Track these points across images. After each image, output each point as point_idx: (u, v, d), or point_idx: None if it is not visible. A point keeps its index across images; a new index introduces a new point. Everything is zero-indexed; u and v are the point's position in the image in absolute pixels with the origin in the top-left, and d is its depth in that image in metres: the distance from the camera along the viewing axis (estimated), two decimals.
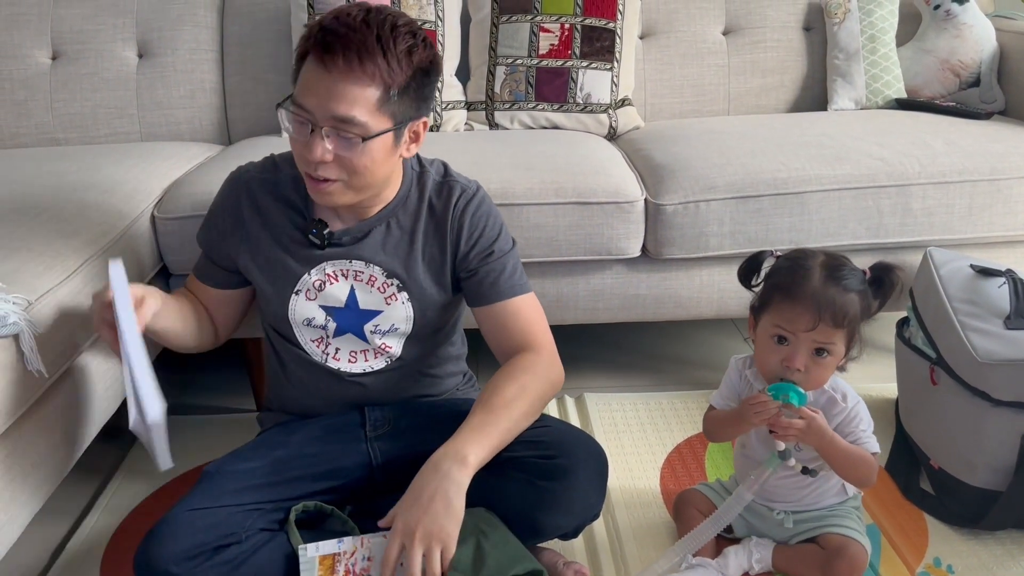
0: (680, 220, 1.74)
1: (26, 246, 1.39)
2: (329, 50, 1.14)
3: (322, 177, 1.20)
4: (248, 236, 1.34)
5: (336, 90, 1.14)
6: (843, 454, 1.24)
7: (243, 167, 1.39)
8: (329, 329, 1.35)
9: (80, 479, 1.59)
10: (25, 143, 2.19)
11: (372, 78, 1.15)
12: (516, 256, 1.37)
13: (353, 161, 1.19)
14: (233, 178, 1.38)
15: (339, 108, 1.15)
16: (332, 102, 1.15)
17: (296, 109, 1.18)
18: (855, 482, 1.30)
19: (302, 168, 1.23)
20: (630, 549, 1.41)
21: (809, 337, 1.22)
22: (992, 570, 1.35)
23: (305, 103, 1.16)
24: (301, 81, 1.18)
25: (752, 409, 1.23)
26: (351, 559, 1.19)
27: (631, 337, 2.20)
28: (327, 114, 1.15)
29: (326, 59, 1.14)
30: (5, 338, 1.19)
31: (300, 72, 1.19)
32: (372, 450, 1.36)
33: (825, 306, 1.20)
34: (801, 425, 1.21)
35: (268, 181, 1.35)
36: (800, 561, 1.32)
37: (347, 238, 1.32)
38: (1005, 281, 1.49)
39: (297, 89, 1.19)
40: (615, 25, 2.13)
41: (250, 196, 1.34)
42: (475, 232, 1.33)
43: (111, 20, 2.21)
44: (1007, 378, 1.37)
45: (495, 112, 2.15)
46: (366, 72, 1.14)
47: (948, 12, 2.20)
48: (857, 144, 1.83)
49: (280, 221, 1.33)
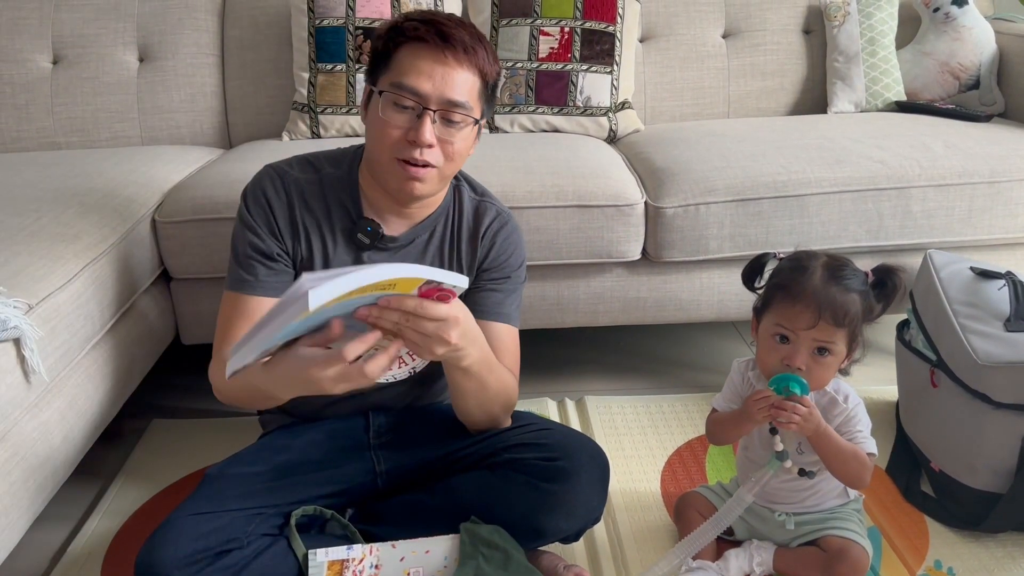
0: (680, 223, 1.74)
1: (27, 250, 1.39)
2: (447, 39, 1.18)
3: (423, 161, 1.21)
4: (298, 237, 1.31)
5: (452, 75, 1.19)
6: (837, 449, 1.25)
7: (276, 167, 1.33)
8: None
9: (81, 483, 1.59)
10: (26, 147, 2.20)
11: (478, 69, 1.22)
12: (522, 290, 1.40)
13: (454, 146, 1.22)
14: (273, 177, 1.31)
15: (454, 92, 1.19)
16: (447, 87, 1.19)
17: (405, 94, 1.19)
18: (848, 480, 1.29)
19: (399, 154, 1.21)
20: (631, 552, 1.41)
21: (810, 336, 1.22)
22: (993, 572, 1.35)
23: (419, 87, 1.18)
24: (406, 67, 1.19)
25: (756, 406, 1.24)
26: (359, 565, 1.19)
27: (631, 340, 2.20)
28: (442, 97, 1.19)
29: (444, 47, 1.18)
30: (5, 342, 1.19)
31: (392, 61, 1.21)
32: (376, 457, 1.35)
33: (826, 305, 1.21)
34: (804, 412, 1.21)
35: (313, 181, 1.32)
36: (801, 564, 1.32)
37: (394, 244, 1.32)
38: (1005, 283, 1.49)
39: (402, 74, 1.19)
40: (615, 28, 2.14)
41: (300, 195, 1.30)
42: (501, 256, 1.35)
43: (112, 24, 2.22)
44: (1007, 380, 1.37)
45: (495, 115, 2.15)
46: (476, 62, 1.21)
47: (947, 15, 2.20)
48: (857, 147, 1.83)
49: (330, 222, 1.31)
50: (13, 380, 1.20)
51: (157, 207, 1.75)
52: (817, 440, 1.25)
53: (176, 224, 1.71)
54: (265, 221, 1.29)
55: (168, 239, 1.72)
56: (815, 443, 1.25)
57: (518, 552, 1.21)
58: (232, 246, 1.32)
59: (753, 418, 1.25)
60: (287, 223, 1.30)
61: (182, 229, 1.70)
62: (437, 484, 1.33)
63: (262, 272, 1.29)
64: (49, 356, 1.28)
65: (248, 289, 1.29)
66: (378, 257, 1.31)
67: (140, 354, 1.62)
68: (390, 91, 1.20)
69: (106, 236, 1.54)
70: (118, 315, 1.55)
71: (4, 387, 1.17)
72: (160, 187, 1.81)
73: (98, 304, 1.46)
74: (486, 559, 1.18)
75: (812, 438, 1.25)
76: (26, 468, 1.22)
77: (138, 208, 1.69)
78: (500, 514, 1.24)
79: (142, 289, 1.66)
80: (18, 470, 1.21)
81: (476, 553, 1.19)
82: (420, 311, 1.01)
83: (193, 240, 1.71)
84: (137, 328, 1.62)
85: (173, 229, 1.71)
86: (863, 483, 1.27)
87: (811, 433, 1.24)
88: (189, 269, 1.75)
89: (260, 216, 1.29)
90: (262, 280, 1.29)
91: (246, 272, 1.29)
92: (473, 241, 1.35)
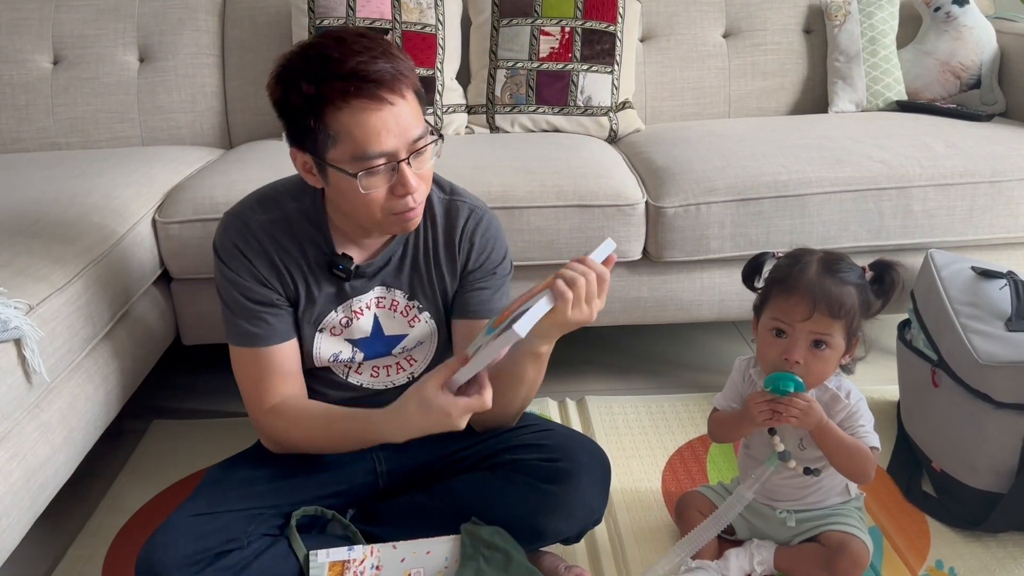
0: (681, 223, 1.74)
1: (27, 250, 1.39)
2: (380, 84, 1.09)
3: (418, 203, 1.17)
4: (283, 279, 1.26)
5: (402, 115, 1.11)
6: (839, 443, 1.25)
7: (237, 214, 1.27)
8: (356, 359, 1.34)
9: (82, 483, 1.59)
10: (26, 148, 2.20)
11: (411, 86, 1.14)
12: (509, 281, 1.37)
13: (429, 172, 1.19)
14: (239, 227, 1.25)
15: (413, 129, 1.13)
16: (408, 130, 1.12)
17: (374, 161, 1.11)
18: (853, 475, 1.29)
19: (392, 210, 1.16)
20: (632, 552, 1.41)
21: (806, 328, 1.22)
22: (994, 572, 1.34)
23: (385, 149, 1.11)
24: (358, 136, 1.10)
25: (756, 408, 1.24)
26: (360, 567, 1.20)
27: (632, 340, 2.19)
28: (408, 142, 1.13)
29: (378, 91, 1.09)
30: (6, 342, 1.19)
31: (333, 132, 1.10)
32: (377, 458, 1.35)
33: (820, 296, 1.21)
34: (803, 406, 1.22)
35: (279, 219, 1.25)
36: (802, 560, 1.32)
37: (371, 269, 1.29)
38: (1006, 283, 1.49)
39: (359, 145, 1.10)
40: (615, 28, 2.13)
41: (271, 239, 1.25)
42: (483, 254, 1.32)
43: (112, 25, 2.22)
44: (1008, 380, 1.36)
45: (496, 115, 2.15)
46: (407, 84, 1.13)
47: (948, 14, 2.20)
48: (858, 146, 1.83)
49: (306, 259, 1.26)
50: (14, 381, 1.20)
51: (157, 208, 1.75)
52: (820, 435, 1.25)
53: (176, 224, 1.71)
54: (249, 273, 1.25)
55: (168, 240, 1.72)
56: (818, 438, 1.25)
57: (519, 553, 1.21)
58: (224, 303, 1.28)
59: (754, 420, 1.25)
60: (269, 269, 1.25)
61: (182, 230, 1.70)
62: (438, 485, 1.33)
63: (272, 320, 1.26)
64: (50, 357, 1.28)
65: (263, 342, 1.26)
66: (358, 283, 1.29)
67: (141, 355, 1.62)
68: (360, 168, 1.11)
69: (106, 237, 1.54)
70: (118, 316, 1.55)
71: (5, 388, 1.17)
72: (160, 188, 1.81)
73: (98, 304, 1.46)
74: (487, 560, 1.18)
75: (815, 433, 1.25)
76: (27, 468, 1.22)
77: (138, 209, 1.69)
78: (501, 515, 1.24)
79: (142, 290, 1.66)
80: (19, 470, 1.21)
81: (477, 554, 1.19)
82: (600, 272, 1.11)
83: (193, 240, 1.70)
84: (137, 329, 1.62)
85: (173, 230, 1.71)
86: (867, 477, 1.27)
87: (813, 427, 1.24)
88: (189, 270, 1.74)
89: (242, 270, 1.25)
90: (275, 327, 1.26)
91: (254, 326, 1.25)
92: (451, 247, 1.31)
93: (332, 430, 1.24)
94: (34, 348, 1.22)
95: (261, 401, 1.27)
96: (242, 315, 1.26)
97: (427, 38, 2.11)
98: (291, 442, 1.28)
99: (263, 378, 1.26)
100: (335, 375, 1.36)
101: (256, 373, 1.27)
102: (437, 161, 1.23)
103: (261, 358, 1.26)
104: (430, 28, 2.12)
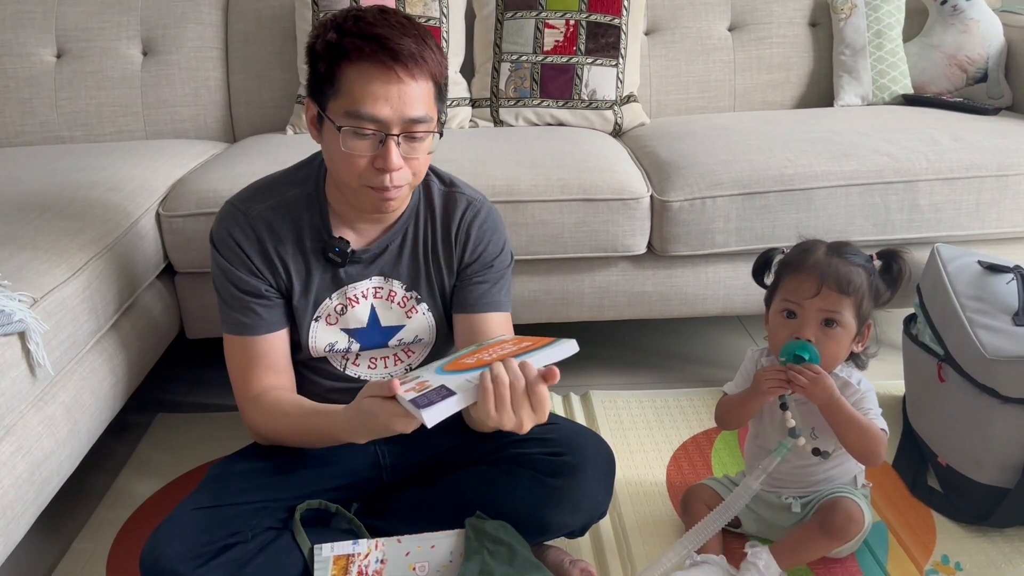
0: (686, 217, 1.74)
1: (31, 243, 1.39)
2: (395, 55, 1.10)
3: (396, 185, 1.17)
4: (276, 269, 1.28)
5: (408, 92, 1.12)
6: (850, 419, 1.25)
7: (236, 203, 1.29)
8: (352, 350, 1.34)
9: (86, 476, 1.59)
10: (30, 141, 2.19)
11: (430, 75, 1.15)
12: (510, 273, 1.37)
13: (420, 161, 1.18)
14: (236, 216, 1.27)
15: (413, 110, 1.13)
16: (405, 106, 1.12)
17: (364, 123, 1.12)
18: (863, 455, 1.29)
19: (368, 183, 1.17)
20: (636, 546, 1.41)
21: (815, 306, 1.25)
22: (1001, 567, 1.34)
23: (377, 114, 1.12)
24: (358, 93, 1.12)
25: (764, 375, 1.26)
26: (364, 560, 1.20)
27: (637, 334, 2.19)
28: (402, 118, 1.13)
29: (393, 64, 1.11)
30: (11, 335, 1.19)
31: (338, 83, 1.13)
32: (381, 452, 1.35)
33: (829, 273, 1.25)
34: (811, 375, 1.23)
35: (277, 206, 1.27)
36: (799, 538, 1.31)
37: (367, 255, 1.29)
38: (1013, 277, 1.49)
39: (356, 101, 1.12)
40: (620, 21, 2.13)
41: (268, 228, 1.26)
42: (479, 246, 1.32)
43: (115, 18, 2.21)
44: (1015, 375, 1.36)
45: (500, 109, 2.15)
46: (427, 70, 1.14)
47: (955, 7, 2.19)
48: (864, 140, 1.82)
49: (302, 245, 1.27)
50: (18, 374, 1.20)
51: (161, 201, 1.75)
52: (830, 411, 1.25)
53: (180, 218, 1.70)
54: (242, 263, 1.27)
55: (172, 233, 1.71)
56: (828, 414, 1.26)
57: (523, 547, 1.21)
58: (217, 292, 1.30)
59: (761, 389, 1.26)
60: (262, 260, 1.27)
61: (186, 223, 1.70)
62: (443, 479, 1.33)
63: (260, 310, 1.28)
64: (54, 350, 1.28)
65: (252, 331, 1.28)
66: (354, 270, 1.29)
67: (145, 348, 1.62)
68: (348, 123, 1.13)
69: (110, 230, 1.54)
70: (123, 309, 1.55)
71: (9, 381, 1.17)
72: (164, 181, 1.81)
73: (103, 298, 1.46)
74: (491, 554, 1.18)
75: (824, 409, 1.25)
76: (32, 462, 1.22)
77: (142, 202, 1.69)
78: (505, 509, 1.24)
79: (146, 283, 1.66)
80: (24, 464, 1.21)
81: (481, 548, 1.19)
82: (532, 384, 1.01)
83: (197, 234, 1.70)
84: (142, 322, 1.62)
85: (177, 223, 1.71)
86: (878, 458, 1.27)
87: (823, 402, 1.25)
88: (193, 263, 1.74)
89: (235, 260, 1.27)
90: (264, 318, 1.28)
91: (244, 316, 1.28)
92: (448, 239, 1.31)
93: (301, 423, 1.24)
94: (38, 341, 1.22)
95: (246, 389, 1.29)
96: (236, 306, 1.28)
97: (431, 31, 2.10)
98: (267, 432, 1.29)
99: (248, 366, 1.29)
100: (333, 367, 1.36)
101: (242, 361, 1.29)
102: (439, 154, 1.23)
103: (249, 347, 1.29)
104: (434, 21, 2.11)
